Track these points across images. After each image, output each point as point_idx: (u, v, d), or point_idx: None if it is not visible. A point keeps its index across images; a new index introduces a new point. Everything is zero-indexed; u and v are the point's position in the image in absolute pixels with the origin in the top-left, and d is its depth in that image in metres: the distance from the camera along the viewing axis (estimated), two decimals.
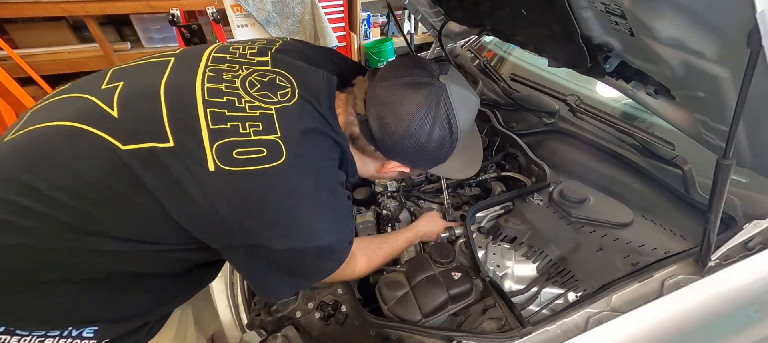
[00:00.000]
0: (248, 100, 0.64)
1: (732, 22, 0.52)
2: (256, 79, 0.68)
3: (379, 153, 0.75)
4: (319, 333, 0.86)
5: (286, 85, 0.69)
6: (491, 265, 0.92)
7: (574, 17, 0.75)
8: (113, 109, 0.61)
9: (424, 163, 0.78)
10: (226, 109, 0.62)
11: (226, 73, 0.68)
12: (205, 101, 0.62)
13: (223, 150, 0.59)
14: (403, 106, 0.69)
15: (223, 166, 0.58)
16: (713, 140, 0.79)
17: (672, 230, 0.92)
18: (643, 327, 0.71)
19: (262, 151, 0.60)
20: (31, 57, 2.82)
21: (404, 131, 0.70)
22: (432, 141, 0.71)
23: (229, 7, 2.77)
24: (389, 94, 0.71)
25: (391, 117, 0.70)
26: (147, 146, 0.58)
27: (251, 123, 0.62)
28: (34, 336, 0.62)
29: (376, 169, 0.81)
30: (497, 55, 1.87)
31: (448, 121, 0.71)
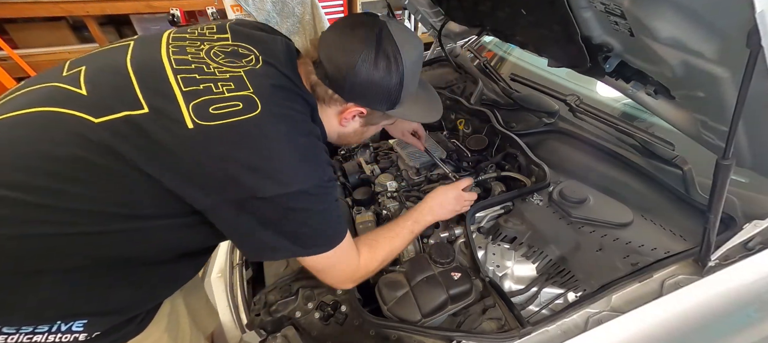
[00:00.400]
0: (216, 66, 0.68)
1: (732, 22, 0.52)
2: (219, 50, 0.72)
3: (337, 96, 0.78)
4: (319, 333, 0.87)
5: (249, 54, 0.73)
6: (491, 265, 0.92)
7: (574, 17, 0.75)
8: (81, 89, 0.63)
9: (381, 101, 0.79)
10: (196, 74, 0.66)
11: (189, 48, 0.71)
12: (174, 69, 0.65)
13: (199, 108, 0.62)
14: (348, 42, 0.74)
15: (202, 122, 0.61)
16: (713, 140, 0.79)
17: (672, 230, 0.92)
18: (643, 327, 0.71)
19: (238, 104, 0.63)
20: (31, 57, 2.82)
21: (350, 63, 0.73)
22: (378, 73, 0.74)
23: (229, 7, 2.78)
24: (335, 36, 0.76)
25: (338, 52, 0.74)
26: (122, 115, 0.59)
27: (223, 83, 0.65)
28: (21, 333, 0.62)
29: (338, 120, 0.83)
30: (497, 55, 1.87)
31: (392, 53, 0.74)
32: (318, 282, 0.98)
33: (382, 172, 1.34)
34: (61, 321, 0.64)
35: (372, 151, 1.46)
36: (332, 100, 0.79)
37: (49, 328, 0.63)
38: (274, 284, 1.01)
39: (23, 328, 0.61)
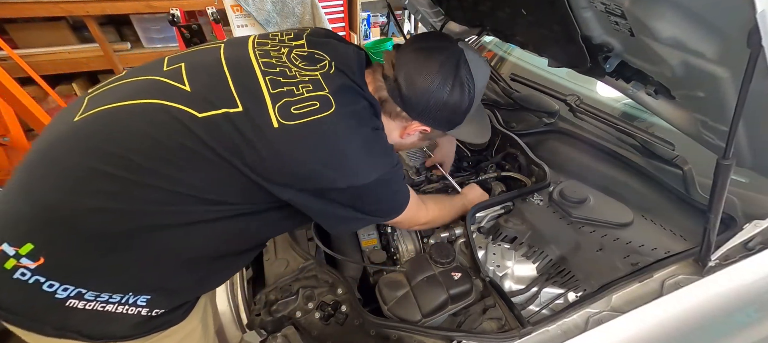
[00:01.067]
0: (297, 69, 0.76)
1: (732, 22, 0.52)
2: (297, 55, 0.80)
3: (405, 114, 0.83)
4: (319, 333, 0.87)
5: (323, 59, 0.79)
6: (491, 265, 0.92)
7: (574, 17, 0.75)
8: (185, 85, 0.70)
9: (444, 123, 0.86)
10: (280, 77, 0.73)
11: (272, 52, 0.79)
12: (263, 71, 0.73)
13: (283, 108, 0.69)
14: (427, 66, 0.79)
15: (285, 122, 0.68)
16: (713, 140, 0.79)
17: (672, 230, 0.92)
18: (643, 327, 0.71)
19: (315, 103, 0.71)
20: (31, 57, 2.81)
21: (428, 87, 0.79)
22: (452, 99, 0.80)
23: (229, 7, 2.77)
24: (415, 57, 0.81)
25: (417, 75, 0.79)
26: (221, 112, 0.67)
27: (303, 85, 0.73)
28: (98, 301, 0.66)
29: (399, 133, 0.89)
30: (497, 55, 1.87)
31: (466, 80, 0.80)
32: (318, 282, 0.98)
33: None
34: (131, 293, 0.69)
35: None
36: (399, 116, 0.85)
37: (120, 299, 0.68)
38: (275, 283, 1.01)
39: (102, 295, 0.66)
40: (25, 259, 0.61)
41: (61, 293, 0.63)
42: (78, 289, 0.64)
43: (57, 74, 2.96)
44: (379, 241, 1.17)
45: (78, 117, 0.68)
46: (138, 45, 3.20)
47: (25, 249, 0.60)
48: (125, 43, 3.16)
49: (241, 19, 2.86)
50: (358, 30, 3.53)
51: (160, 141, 0.65)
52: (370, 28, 3.80)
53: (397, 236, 1.12)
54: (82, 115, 0.68)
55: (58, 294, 0.63)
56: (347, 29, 3.47)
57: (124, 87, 0.73)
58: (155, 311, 0.73)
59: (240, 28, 2.88)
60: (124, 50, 3.13)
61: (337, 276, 0.96)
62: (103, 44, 2.96)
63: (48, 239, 0.62)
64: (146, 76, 0.74)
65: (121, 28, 3.17)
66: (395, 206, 0.84)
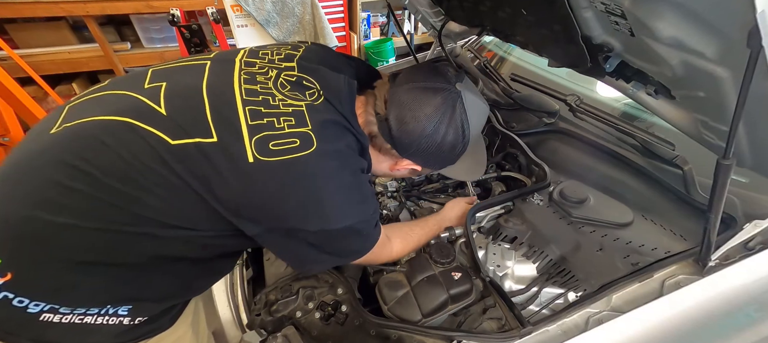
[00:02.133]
0: (281, 99, 0.72)
1: (732, 22, 0.52)
2: (285, 80, 0.75)
3: (395, 151, 0.81)
4: (319, 333, 0.87)
5: (312, 87, 0.76)
6: (491, 265, 0.92)
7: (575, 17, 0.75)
8: (161, 107, 0.67)
9: (435, 164, 0.85)
10: (262, 107, 0.69)
11: (259, 76, 0.75)
12: (244, 100, 0.69)
13: (260, 143, 0.66)
14: (421, 109, 0.76)
15: (261, 158, 0.65)
16: (713, 140, 0.79)
17: (672, 230, 0.92)
18: (643, 327, 0.71)
19: (295, 141, 0.67)
20: (31, 57, 2.82)
21: (421, 131, 0.76)
22: (446, 143, 0.78)
23: (229, 7, 2.77)
24: (409, 97, 0.77)
25: (410, 118, 0.76)
26: (194, 141, 0.64)
27: (285, 118, 0.69)
28: (74, 314, 0.64)
29: (389, 167, 0.87)
30: (497, 55, 1.87)
31: (462, 125, 0.78)
32: (318, 282, 0.98)
33: None
34: (110, 305, 0.67)
35: None
36: (389, 153, 0.83)
37: (98, 310, 0.66)
38: (275, 283, 1.01)
39: (78, 309, 0.65)
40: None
41: (33, 308, 0.61)
42: (51, 305, 0.62)
43: (57, 74, 2.96)
44: None
45: (55, 129, 0.66)
46: (138, 45, 3.20)
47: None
48: (125, 43, 3.16)
49: (241, 19, 2.86)
50: (358, 30, 3.53)
51: (132, 164, 0.62)
52: (370, 28, 3.80)
53: None
54: (58, 127, 0.66)
55: (29, 309, 0.61)
56: (347, 29, 3.47)
57: (103, 100, 0.71)
58: (138, 319, 0.71)
59: (240, 28, 2.88)
60: (124, 50, 3.13)
61: (337, 276, 0.96)
62: (103, 44, 2.96)
63: (16, 254, 0.60)
64: (126, 92, 0.71)
65: (121, 28, 3.18)
66: (362, 250, 0.80)
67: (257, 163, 0.65)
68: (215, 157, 0.64)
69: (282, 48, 0.84)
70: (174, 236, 0.67)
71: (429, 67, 0.84)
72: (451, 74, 0.81)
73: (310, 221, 0.69)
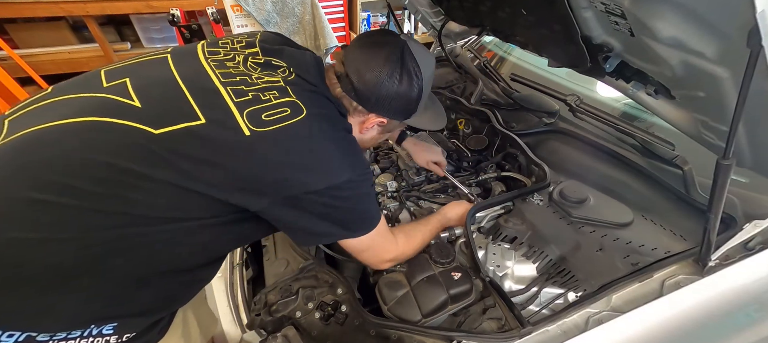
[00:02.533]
0: (258, 77, 0.73)
1: (732, 22, 0.52)
2: (253, 63, 0.77)
3: (361, 108, 0.85)
4: (319, 333, 0.86)
5: (281, 65, 0.78)
6: (491, 265, 0.92)
7: (575, 17, 0.75)
8: (134, 100, 0.65)
9: (400, 113, 0.88)
10: (242, 86, 0.70)
11: (227, 62, 0.76)
12: (223, 82, 0.70)
13: (252, 116, 0.66)
14: (374, 59, 0.81)
15: (257, 129, 0.65)
16: (713, 140, 0.79)
17: (672, 230, 0.92)
18: (643, 327, 0.71)
19: (285, 110, 0.69)
20: (31, 57, 2.82)
21: (378, 79, 0.80)
22: (402, 88, 0.82)
23: (229, 7, 2.77)
24: (361, 53, 0.83)
25: (365, 69, 0.81)
26: (182, 127, 0.63)
27: (268, 92, 0.71)
28: (54, 340, 0.61)
29: (359, 128, 0.90)
30: (497, 55, 1.87)
31: (413, 69, 0.82)
32: (318, 282, 0.98)
33: (382, 172, 1.35)
34: (93, 325, 0.64)
35: (372, 151, 1.46)
36: (356, 112, 0.86)
37: (81, 332, 0.63)
38: (275, 284, 1.01)
39: (58, 334, 0.61)
40: None
41: (6, 339, 0.56)
42: (27, 333, 0.57)
43: (57, 74, 2.96)
44: None
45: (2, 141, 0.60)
46: (138, 45, 3.20)
47: None
48: (125, 43, 3.16)
49: (241, 19, 2.86)
50: (358, 30, 3.53)
51: (110, 163, 0.59)
52: (370, 28, 3.79)
53: None
54: (4, 140, 0.60)
55: (2, 340, 0.56)
56: (347, 29, 3.47)
57: (57, 106, 0.66)
58: (126, 336, 0.68)
59: (240, 28, 2.88)
60: (124, 50, 3.14)
61: (337, 276, 0.96)
62: (103, 44, 2.96)
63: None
64: (83, 94, 0.67)
65: (121, 28, 3.18)
66: (367, 218, 0.81)
67: (255, 135, 0.65)
68: (208, 138, 0.63)
69: (239, 37, 0.86)
70: (161, 232, 0.64)
71: (374, 30, 0.90)
72: (393, 32, 0.88)
73: (312, 180, 0.69)
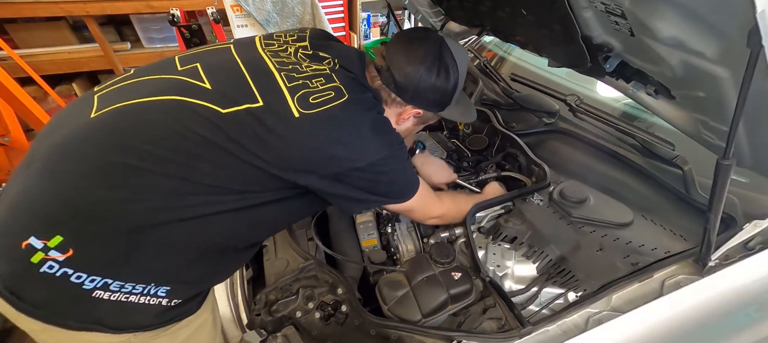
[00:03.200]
0: (307, 65, 0.82)
1: (732, 22, 0.52)
2: (303, 55, 0.86)
3: (399, 99, 0.91)
4: (319, 333, 0.87)
5: (327, 58, 0.86)
6: (491, 265, 0.92)
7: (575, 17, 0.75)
8: (205, 82, 0.74)
9: (435, 104, 0.94)
10: (294, 72, 0.79)
11: (281, 52, 0.85)
12: (278, 68, 0.79)
13: (302, 99, 0.74)
14: (414, 54, 0.88)
15: (305, 111, 0.73)
16: (713, 140, 0.79)
17: (672, 230, 0.92)
18: (643, 327, 0.71)
19: (330, 93, 0.77)
20: (31, 57, 2.81)
21: (417, 73, 0.87)
22: (440, 81, 0.89)
23: (229, 7, 2.77)
24: (402, 48, 0.90)
25: (406, 62, 0.87)
26: (244, 108, 0.71)
27: (315, 78, 0.79)
28: (122, 292, 0.67)
29: (395, 119, 0.95)
30: (497, 55, 1.87)
31: (450, 64, 0.89)
32: (318, 282, 0.98)
33: None
34: (153, 283, 0.70)
35: None
36: (394, 103, 0.92)
37: (142, 289, 0.69)
38: (275, 283, 1.01)
39: (126, 285, 0.67)
40: (54, 251, 0.61)
41: (89, 284, 0.64)
42: (105, 280, 0.65)
43: (57, 74, 2.95)
44: (379, 241, 1.17)
45: (94, 114, 0.70)
46: (138, 45, 3.20)
47: (53, 241, 0.61)
48: (125, 43, 3.15)
49: (241, 19, 2.86)
50: (358, 30, 3.52)
51: (185, 135, 0.68)
52: (370, 28, 3.79)
53: (397, 236, 1.12)
54: (98, 112, 0.70)
55: (85, 285, 0.64)
56: (347, 29, 3.46)
57: (139, 85, 0.76)
58: (174, 301, 0.74)
59: (240, 28, 2.87)
60: (124, 50, 3.13)
61: (337, 276, 0.96)
62: (103, 44, 2.96)
63: (77, 230, 0.63)
64: (161, 75, 0.77)
65: (121, 28, 3.17)
66: (408, 186, 0.90)
67: (303, 117, 0.72)
68: (265, 118, 0.71)
69: (291, 31, 0.94)
70: (223, 203, 0.72)
71: (412, 28, 0.96)
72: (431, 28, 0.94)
73: (355, 157, 0.77)
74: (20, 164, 0.71)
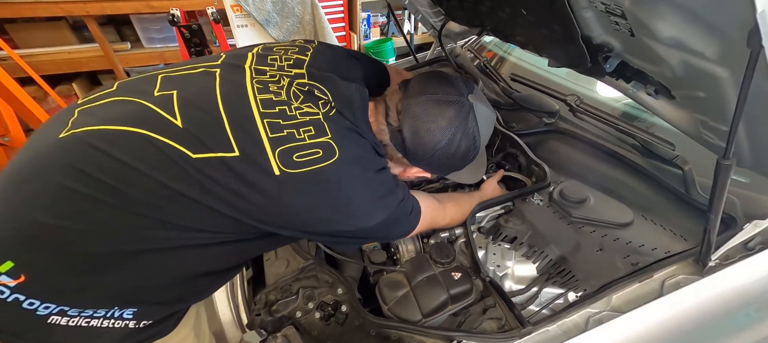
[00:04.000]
0: (297, 108, 0.72)
1: (732, 22, 0.52)
2: (297, 90, 0.75)
3: (406, 160, 0.83)
4: (319, 333, 0.87)
5: (324, 98, 0.76)
6: (491, 265, 0.92)
7: (575, 17, 0.75)
8: (176, 118, 0.66)
9: (445, 170, 0.88)
10: (280, 119, 0.69)
11: (271, 85, 0.74)
12: (261, 113, 0.69)
13: (284, 155, 0.66)
14: (436, 121, 0.77)
15: (287, 170, 0.66)
16: (713, 140, 0.79)
17: (672, 230, 0.92)
18: (643, 327, 0.71)
19: (318, 151, 0.68)
20: (31, 57, 2.81)
21: (435, 143, 0.78)
22: (458, 153, 0.80)
23: (229, 7, 2.77)
24: (424, 110, 0.78)
25: (425, 130, 0.77)
26: (217, 156, 0.64)
27: (304, 128, 0.70)
28: (81, 316, 0.64)
29: (399, 173, 0.90)
30: (497, 55, 1.87)
31: (474, 136, 0.80)
32: (318, 282, 0.98)
33: None
34: (117, 307, 0.66)
35: None
36: (400, 161, 0.84)
37: (105, 313, 0.65)
38: (275, 283, 1.01)
39: (86, 311, 0.64)
40: (5, 276, 0.58)
41: (42, 310, 0.60)
42: (60, 307, 0.61)
43: (57, 74, 2.96)
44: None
45: (64, 133, 0.65)
46: (138, 45, 3.20)
47: (4, 267, 0.58)
48: (125, 43, 3.15)
49: (241, 19, 2.86)
50: (358, 30, 3.52)
51: (149, 175, 0.62)
52: (370, 28, 3.79)
53: None
54: (68, 131, 0.65)
55: (39, 312, 0.60)
56: (347, 29, 3.46)
57: (114, 107, 0.70)
58: (143, 323, 0.70)
59: (240, 28, 2.87)
60: (124, 50, 3.13)
61: (337, 276, 0.96)
62: (103, 44, 2.96)
63: (30, 257, 0.59)
64: (136, 99, 0.70)
65: (121, 28, 3.17)
66: (406, 229, 0.84)
67: (284, 176, 0.65)
68: (241, 171, 0.64)
69: (290, 51, 0.84)
70: (190, 239, 0.66)
71: (441, 77, 0.85)
72: (462, 86, 0.83)
73: (343, 222, 0.71)
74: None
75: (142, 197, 0.62)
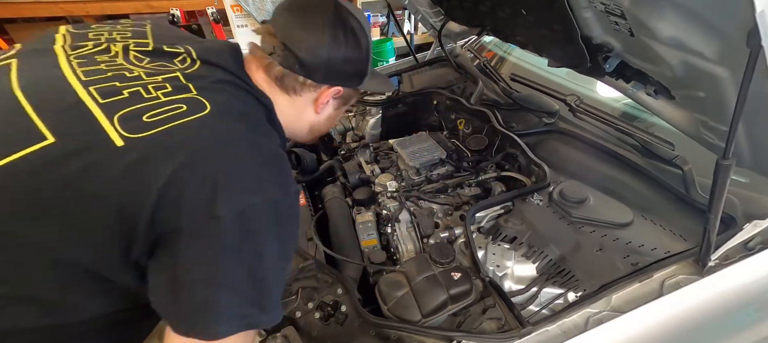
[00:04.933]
0: (143, 69, 0.59)
1: (732, 22, 0.52)
2: (139, 53, 0.62)
3: (310, 81, 0.72)
4: (319, 333, 0.86)
5: (181, 53, 0.64)
6: (491, 265, 0.92)
7: (575, 17, 0.76)
8: None
9: (353, 77, 0.77)
10: (116, 82, 0.55)
11: (98, 56, 0.60)
12: (84, 82, 0.55)
13: (127, 119, 0.52)
14: (313, 23, 0.69)
15: (134, 135, 0.51)
16: (713, 140, 0.79)
17: (672, 230, 0.92)
18: (643, 327, 0.71)
19: (180, 106, 0.54)
20: None
21: (323, 43, 0.69)
22: (350, 47, 0.72)
23: (229, 7, 2.77)
24: (293, 19, 0.70)
25: (306, 35, 0.69)
26: (20, 155, 0.48)
27: (155, 86, 0.56)
28: None
29: (313, 108, 0.78)
30: (497, 55, 1.87)
31: (354, 24, 0.71)
32: (318, 282, 0.98)
33: (383, 172, 1.34)
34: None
35: (372, 151, 1.46)
36: (304, 88, 0.73)
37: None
38: None
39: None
40: None
41: None
42: None
43: None
44: (379, 241, 1.17)
45: None
46: None
47: None
48: None
49: (241, 19, 2.86)
50: None
51: None
52: (371, 28, 3.79)
53: (397, 236, 1.12)
54: None
55: None
56: None
57: None
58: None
59: (240, 28, 2.88)
60: None
61: (337, 276, 0.96)
62: None
63: None
64: None
65: None
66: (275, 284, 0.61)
67: (131, 143, 0.50)
68: (63, 159, 0.49)
69: (120, 25, 0.70)
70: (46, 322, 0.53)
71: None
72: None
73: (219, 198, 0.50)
74: None
75: None
